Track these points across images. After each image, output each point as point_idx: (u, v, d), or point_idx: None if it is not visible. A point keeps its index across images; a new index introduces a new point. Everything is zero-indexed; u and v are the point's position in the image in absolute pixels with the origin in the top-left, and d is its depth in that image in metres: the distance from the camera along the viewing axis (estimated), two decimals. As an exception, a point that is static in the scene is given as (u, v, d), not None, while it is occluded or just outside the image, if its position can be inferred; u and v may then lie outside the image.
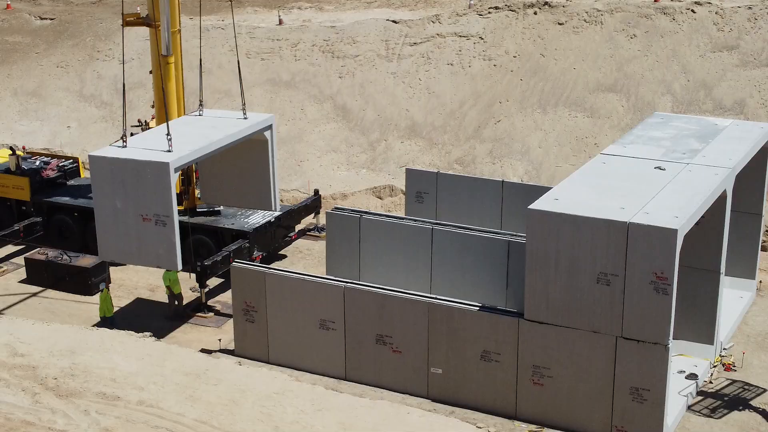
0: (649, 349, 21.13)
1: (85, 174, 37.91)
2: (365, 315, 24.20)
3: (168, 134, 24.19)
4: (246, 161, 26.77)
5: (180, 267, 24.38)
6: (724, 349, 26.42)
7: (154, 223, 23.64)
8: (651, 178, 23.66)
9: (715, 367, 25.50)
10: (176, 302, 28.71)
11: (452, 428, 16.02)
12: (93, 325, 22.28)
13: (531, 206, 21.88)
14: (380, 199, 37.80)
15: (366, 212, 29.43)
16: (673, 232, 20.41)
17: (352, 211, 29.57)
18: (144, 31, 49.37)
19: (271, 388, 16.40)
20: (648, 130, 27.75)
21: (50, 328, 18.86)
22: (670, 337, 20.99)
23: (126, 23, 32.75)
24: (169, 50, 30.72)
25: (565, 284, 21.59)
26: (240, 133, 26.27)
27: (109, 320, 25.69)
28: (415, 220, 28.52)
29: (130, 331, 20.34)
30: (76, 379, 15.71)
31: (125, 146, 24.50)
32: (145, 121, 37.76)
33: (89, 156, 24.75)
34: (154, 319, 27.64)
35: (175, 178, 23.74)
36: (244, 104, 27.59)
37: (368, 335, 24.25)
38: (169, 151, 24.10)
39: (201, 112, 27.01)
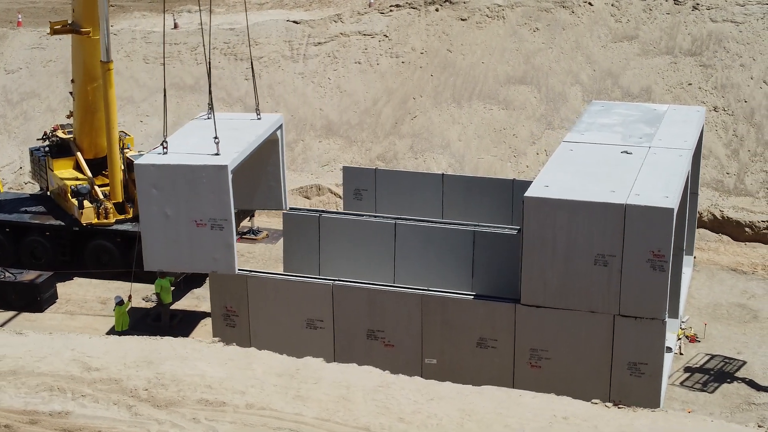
0: (647, 324, 22.08)
1: (3, 188, 36.53)
2: (355, 311, 24.30)
3: (215, 137, 23.61)
4: (256, 162, 26.35)
5: (237, 270, 23.98)
6: (683, 322, 27.79)
7: (209, 228, 23.06)
8: (622, 162, 24.66)
9: (680, 339, 26.81)
10: (166, 313, 28.27)
11: (567, 405, 16.43)
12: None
13: (527, 194, 22.52)
14: (308, 198, 37.81)
15: (324, 211, 29.52)
16: (670, 211, 21.45)
17: (309, 210, 29.60)
18: (31, 39, 47.95)
19: (372, 382, 16.36)
20: (595, 117, 28.83)
21: (111, 340, 18.14)
22: (667, 312, 22.03)
23: (53, 31, 31.80)
24: (108, 56, 29.97)
25: (563, 268, 22.30)
26: (265, 133, 25.92)
27: (125, 334, 24.98)
28: (376, 216, 28.77)
29: (197, 338, 19.84)
30: (168, 389, 15.26)
31: (166, 152, 23.73)
32: (52, 132, 36.37)
33: (135, 165, 23.78)
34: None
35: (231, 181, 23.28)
36: (257, 104, 27.13)
37: (359, 331, 24.37)
38: (216, 154, 23.55)
39: (210, 116, 26.46)
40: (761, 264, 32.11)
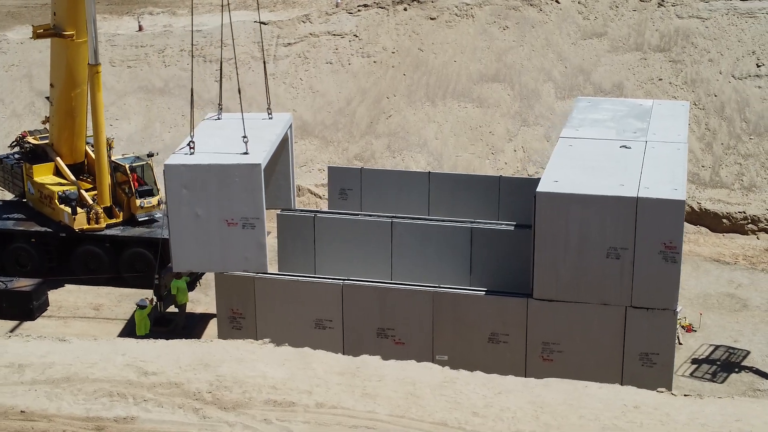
0: (659, 315, 22.50)
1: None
2: (365, 310, 24.35)
3: (244, 136, 23.50)
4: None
5: (268, 269, 23.86)
6: (677, 312, 28.24)
7: (241, 227, 22.93)
8: (623, 156, 25.02)
9: (676, 329, 27.28)
10: (182, 314, 28.19)
11: (635, 395, 16.65)
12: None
13: (539, 189, 22.74)
14: (288, 200, 37.66)
15: (319, 211, 29.53)
16: (681, 203, 21.88)
17: (303, 210, 29.59)
18: (-4, 43, 47.10)
19: (435, 377, 16.39)
20: (585, 113, 29.17)
21: (160, 344, 17.89)
22: (678, 302, 22.47)
23: (36, 36, 31.34)
24: (97, 58, 29.62)
25: (575, 261, 22.60)
26: (282, 132, 25.85)
27: (145, 338, 24.74)
28: (370, 215, 28.83)
29: (249, 339, 19.71)
30: (233, 391, 15.12)
31: (193, 152, 23.50)
32: (22, 139, 35.73)
33: (165, 165, 23.50)
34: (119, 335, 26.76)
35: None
36: (269, 103, 27.02)
37: (368, 330, 24.42)
38: (245, 153, 23.42)
39: (220, 116, 26.27)
40: (742, 254, 32.86)
